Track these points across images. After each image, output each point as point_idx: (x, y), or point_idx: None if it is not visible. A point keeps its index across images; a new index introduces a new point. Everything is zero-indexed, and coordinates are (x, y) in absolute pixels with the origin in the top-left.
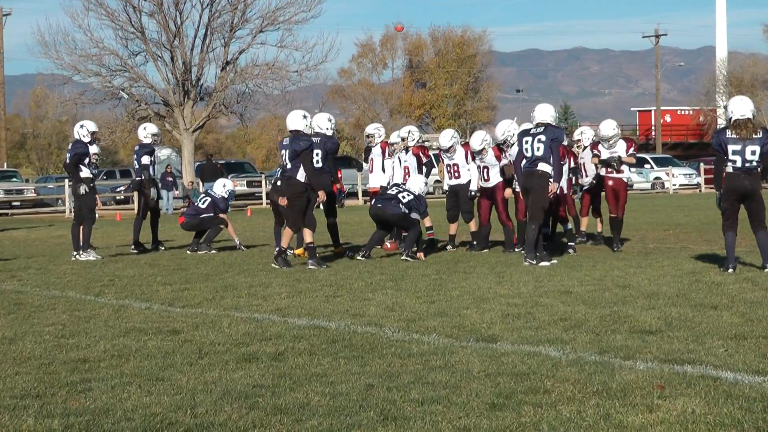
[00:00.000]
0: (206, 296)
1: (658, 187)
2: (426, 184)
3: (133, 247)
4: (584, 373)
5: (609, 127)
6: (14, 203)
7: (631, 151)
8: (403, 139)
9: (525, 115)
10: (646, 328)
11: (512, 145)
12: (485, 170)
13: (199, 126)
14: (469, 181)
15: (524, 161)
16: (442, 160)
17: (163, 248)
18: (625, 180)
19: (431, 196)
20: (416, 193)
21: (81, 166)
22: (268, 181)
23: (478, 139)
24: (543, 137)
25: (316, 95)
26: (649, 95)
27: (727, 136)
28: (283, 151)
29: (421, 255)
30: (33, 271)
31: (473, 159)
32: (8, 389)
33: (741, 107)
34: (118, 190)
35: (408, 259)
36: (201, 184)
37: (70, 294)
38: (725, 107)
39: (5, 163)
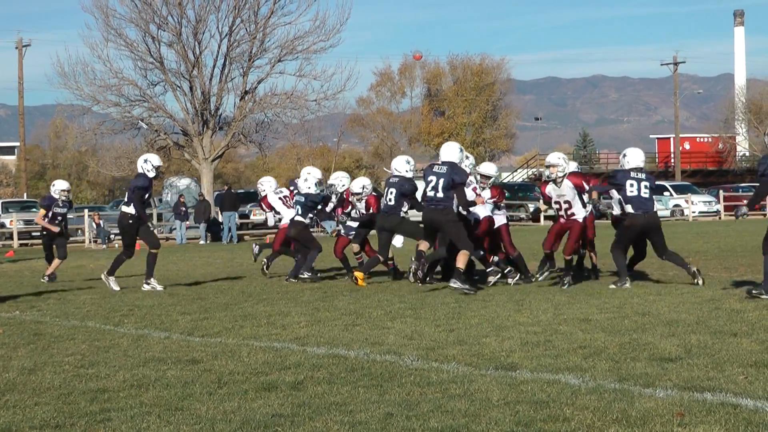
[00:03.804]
0: (225, 325)
1: (678, 215)
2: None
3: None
4: (604, 401)
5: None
6: (34, 233)
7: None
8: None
9: (544, 143)
10: (665, 355)
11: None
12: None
13: (218, 155)
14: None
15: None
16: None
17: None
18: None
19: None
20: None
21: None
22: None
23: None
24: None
25: (334, 124)
26: (667, 122)
27: None
28: (432, 178)
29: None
30: (52, 302)
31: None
32: (27, 420)
33: None
34: None
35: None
36: (220, 213)
37: (90, 324)
38: None
39: (25, 194)
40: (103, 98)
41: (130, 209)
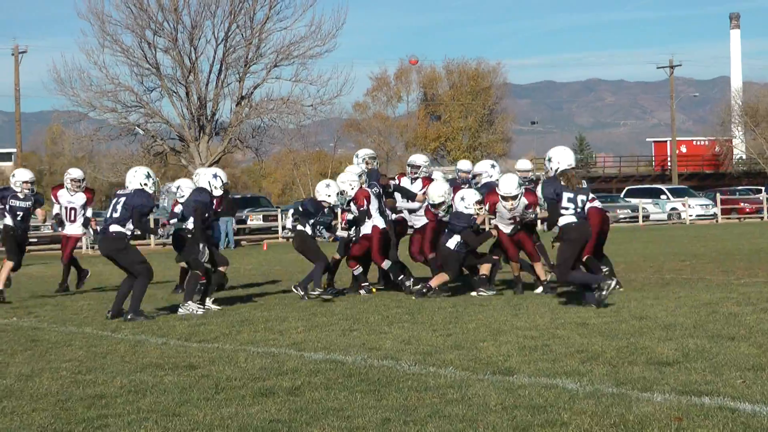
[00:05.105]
0: (223, 331)
1: (675, 218)
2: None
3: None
4: (601, 405)
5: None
6: (31, 240)
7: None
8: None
9: (540, 147)
10: (663, 359)
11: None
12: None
13: (215, 161)
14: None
15: None
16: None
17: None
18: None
19: None
20: None
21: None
22: (283, 215)
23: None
24: None
25: (331, 129)
26: (664, 126)
27: None
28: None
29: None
30: (50, 308)
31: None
32: (25, 426)
33: None
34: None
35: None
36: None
37: (87, 330)
38: None
39: None
40: (99, 104)
41: (188, 224)
